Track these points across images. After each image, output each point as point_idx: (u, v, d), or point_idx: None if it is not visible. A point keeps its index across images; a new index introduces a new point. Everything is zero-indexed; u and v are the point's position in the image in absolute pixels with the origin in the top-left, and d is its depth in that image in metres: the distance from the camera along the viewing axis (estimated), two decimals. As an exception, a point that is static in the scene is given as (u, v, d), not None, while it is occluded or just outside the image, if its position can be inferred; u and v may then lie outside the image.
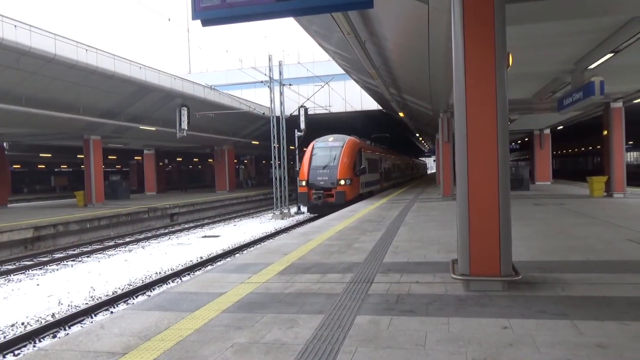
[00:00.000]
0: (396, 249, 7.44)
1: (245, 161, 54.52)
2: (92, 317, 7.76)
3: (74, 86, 17.13)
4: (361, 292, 4.93)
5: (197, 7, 4.60)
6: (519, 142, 39.05)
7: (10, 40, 13.48)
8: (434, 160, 53.49)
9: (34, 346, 6.57)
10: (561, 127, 28.35)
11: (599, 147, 37.72)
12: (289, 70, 28.88)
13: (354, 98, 30.70)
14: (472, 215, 4.68)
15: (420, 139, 46.23)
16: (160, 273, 10.84)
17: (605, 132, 16.75)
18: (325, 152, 20.56)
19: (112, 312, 8.06)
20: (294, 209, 24.20)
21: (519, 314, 4.01)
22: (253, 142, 34.33)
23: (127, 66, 18.51)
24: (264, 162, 58.14)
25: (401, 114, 23.11)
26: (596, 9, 7.27)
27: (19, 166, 47.44)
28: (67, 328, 7.23)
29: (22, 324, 7.40)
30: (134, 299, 8.87)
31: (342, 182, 19.27)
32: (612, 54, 9.08)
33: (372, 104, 29.26)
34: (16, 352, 6.35)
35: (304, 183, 19.91)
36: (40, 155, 38.49)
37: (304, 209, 23.24)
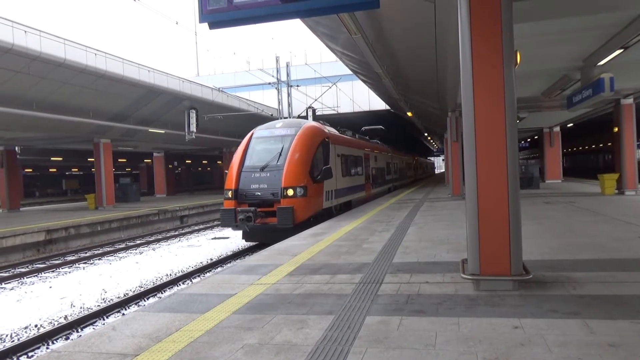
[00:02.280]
0: (406, 249, 7.42)
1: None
2: (104, 319, 7.83)
3: (83, 90, 17.30)
4: (371, 292, 4.92)
5: (204, 9, 4.62)
6: (529, 140, 38.77)
7: (20, 46, 13.67)
8: (443, 160, 53.30)
9: (47, 348, 6.64)
10: (571, 124, 28.09)
11: (610, 144, 37.35)
12: (297, 71, 29.00)
13: (362, 98, 30.65)
14: (481, 214, 4.65)
15: (429, 138, 46.08)
16: (170, 275, 10.90)
17: (616, 129, 16.58)
18: (268, 144, 13.19)
19: (123, 314, 8.13)
20: None
21: (529, 313, 3.99)
22: (261, 143, 34.37)
23: (135, 69, 18.68)
24: (272, 163, 58.11)
25: (409, 114, 23.00)
26: (605, 5, 7.21)
27: (30, 170, 48.06)
28: (79, 330, 7.30)
29: (36, 326, 7.49)
30: (145, 300, 8.93)
31: (290, 191, 11.92)
32: (621, 50, 9.00)
33: (380, 104, 29.18)
34: (30, 354, 6.43)
35: (230, 194, 12.46)
36: (52, 158, 38.96)
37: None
